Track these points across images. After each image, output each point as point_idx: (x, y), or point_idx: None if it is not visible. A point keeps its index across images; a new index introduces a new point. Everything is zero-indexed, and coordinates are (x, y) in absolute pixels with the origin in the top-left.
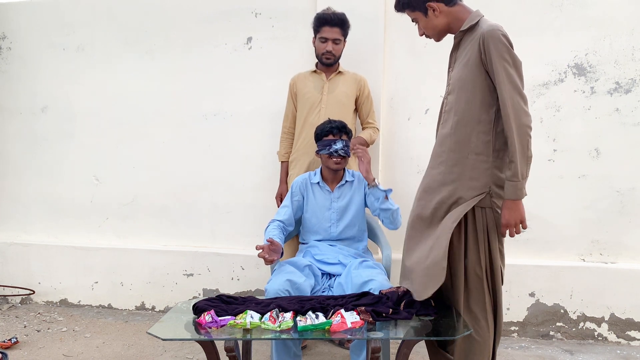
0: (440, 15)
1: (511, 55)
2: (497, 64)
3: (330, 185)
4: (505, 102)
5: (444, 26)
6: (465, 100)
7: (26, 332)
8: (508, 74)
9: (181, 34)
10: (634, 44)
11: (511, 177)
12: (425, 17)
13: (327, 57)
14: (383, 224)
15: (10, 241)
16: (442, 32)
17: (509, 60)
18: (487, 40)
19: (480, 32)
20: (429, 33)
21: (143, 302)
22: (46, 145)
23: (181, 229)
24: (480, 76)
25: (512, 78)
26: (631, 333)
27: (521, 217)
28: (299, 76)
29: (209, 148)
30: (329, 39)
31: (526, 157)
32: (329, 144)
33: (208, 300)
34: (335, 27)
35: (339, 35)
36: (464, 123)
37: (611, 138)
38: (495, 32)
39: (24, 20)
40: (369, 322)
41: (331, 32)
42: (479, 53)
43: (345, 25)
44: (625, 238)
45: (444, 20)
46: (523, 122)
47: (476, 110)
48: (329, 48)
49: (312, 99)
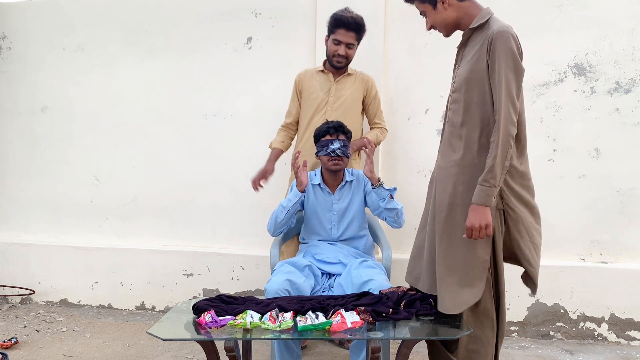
0: (449, 8)
1: (515, 62)
2: (498, 66)
3: (330, 187)
4: (499, 106)
5: (453, 20)
6: (472, 101)
7: (26, 332)
8: (507, 79)
9: (181, 34)
10: (634, 44)
11: (484, 182)
12: (434, 9)
13: (338, 60)
14: (386, 222)
15: (10, 241)
16: (451, 27)
17: (512, 66)
18: (496, 40)
19: (490, 32)
20: (438, 26)
21: (143, 302)
22: (46, 145)
23: (181, 229)
24: (487, 78)
25: (509, 85)
26: (631, 333)
27: (487, 222)
28: (306, 73)
29: (209, 148)
30: (343, 43)
31: (503, 165)
32: (326, 144)
33: (208, 300)
34: (351, 31)
35: (354, 40)
36: (471, 123)
37: (611, 138)
38: (505, 33)
39: (24, 20)
40: (369, 322)
41: (346, 36)
42: (487, 55)
43: (362, 30)
44: (625, 238)
45: (453, 14)
46: (509, 132)
47: (482, 111)
48: (341, 52)
49: (317, 100)
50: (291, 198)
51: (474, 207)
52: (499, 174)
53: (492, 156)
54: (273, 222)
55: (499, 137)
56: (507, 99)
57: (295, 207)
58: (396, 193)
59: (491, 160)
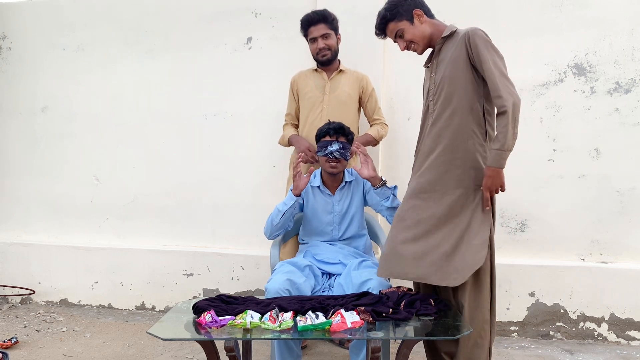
0: (424, 22)
1: (494, 48)
2: (484, 55)
3: (330, 189)
4: (497, 85)
5: (429, 34)
6: (457, 94)
7: (26, 332)
8: (495, 62)
9: (181, 34)
10: (634, 44)
11: (499, 147)
12: (411, 25)
13: (322, 54)
14: (387, 220)
15: (10, 241)
16: (427, 41)
17: (493, 52)
18: (473, 37)
19: (462, 34)
20: (417, 41)
21: (143, 302)
22: (46, 145)
23: (181, 229)
24: (468, 71)
25: (498, 66)
26: (631, 333)
27: (501, 182)
28: (300, 75)
29: (209, 148)
30: (317, 37)
31: (514, 132)
32: (325, 145)
33: (208, 300)
34: (318, 23)
35: (326, 30)
36: (459, 115)
37: (611, 138)
38: (478, 30)
39: (24, 20)
40: (369, 322)
41: (317, 29)
42: (465, 51)
43: (329, 18)
44: (625, 238)
45: (428, 29)
46: (516, 102)
47: (468, 102)
48: (320, 45)
49: (313, 99)
50: (286, 202)
51: (489, 171)
52: (508, 140)
53: (503, 124)
54: (269, 225)
55: (508, 108)
56: (502, 77)
57: (291, 210)
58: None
59: (503, 128)
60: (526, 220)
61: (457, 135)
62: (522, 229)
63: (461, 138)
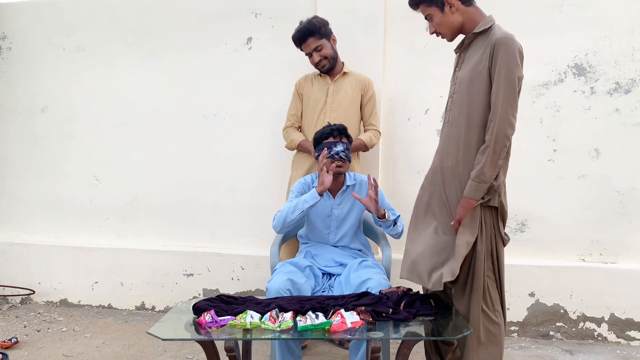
0: (456, 12)
1: (516, 69)
2: (499, 70)
3: (331, 191)
4: (496, 107)
5: (459, 24)
6: (473, 102)
7: (26, 332)
8: (508, 83)
9: (181, 34)
10: (634, 44)
11: (475, 178)
12: (441, 12)
13: (321, 66)
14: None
15: (10, 241)
16: (456, 31)
17: (514, 71)
18: (499, 47)
19: (493, 39)
20: (443, 31)
21: (143, 302)
22: (46, 145)
23: (181, 229)
24: (488, 81)
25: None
26: (631, 333)
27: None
28: (305, 78)
29: (209, 148)
30: (311, 52)
31: (495, 164)
32: (329, 146)
33: (208, 300)
34: (307, 39)
35: (317, 42)
36: (473, 124)
37: (611, 138)
38: (509, 40)
39: (24, 20)
40: (369, 322)
41: (307, 46)
42: (489, 60)
43: (316, 30)
44: (625, 238)
45: (459, 19)
46: (505, 133)
47: (484, 112)
48: (316, 60)
49: (317, 101)
50: (308, 200)
51: (464, 202)
52: (488, 172)
53: (485, 154)
54: (282, 220)
55: (494, 136)
56: (507, 102)
57: (310, 210)
58: (396, 194)
59: (484, 157)
60: (526, 221)
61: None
62: (522, 229)
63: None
